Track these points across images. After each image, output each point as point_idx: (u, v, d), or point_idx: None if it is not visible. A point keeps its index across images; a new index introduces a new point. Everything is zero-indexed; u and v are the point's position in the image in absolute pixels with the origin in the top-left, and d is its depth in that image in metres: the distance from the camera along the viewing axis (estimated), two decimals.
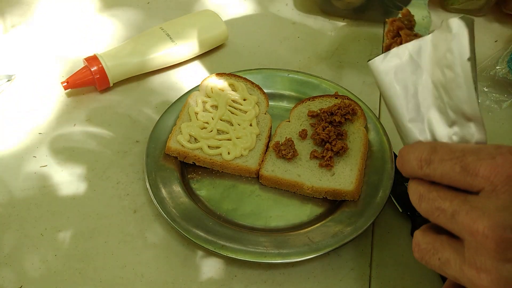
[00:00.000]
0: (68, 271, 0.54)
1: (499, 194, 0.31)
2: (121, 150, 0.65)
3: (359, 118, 0.63)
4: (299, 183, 0.59)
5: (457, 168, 0.33)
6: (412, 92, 0.40)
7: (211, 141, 0.62)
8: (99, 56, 0.70)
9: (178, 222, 0.55)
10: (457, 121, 0.38)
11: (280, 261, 0.52)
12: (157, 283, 0.53)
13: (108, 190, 0.61)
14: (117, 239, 0.56)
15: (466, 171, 0.33)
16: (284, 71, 0.71)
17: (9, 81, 0.73)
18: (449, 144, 0.36)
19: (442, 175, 0.34)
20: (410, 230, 0.57)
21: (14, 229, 0.57)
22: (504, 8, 0.83)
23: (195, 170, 0.62)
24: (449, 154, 0.34)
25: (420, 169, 0.36)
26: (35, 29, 0.82)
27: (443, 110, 0.39)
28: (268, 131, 0.64)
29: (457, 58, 0.36)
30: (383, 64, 0.40)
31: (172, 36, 0.74)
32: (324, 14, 0.85)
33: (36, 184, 0.61)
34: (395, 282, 0.53)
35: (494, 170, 0.31)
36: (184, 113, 0.64)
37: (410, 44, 0.40)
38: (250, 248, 0.53)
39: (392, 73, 0.40)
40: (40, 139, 0.66)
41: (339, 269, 0.54)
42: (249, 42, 0.80)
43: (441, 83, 0.38)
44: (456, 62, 0.36)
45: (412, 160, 0.37)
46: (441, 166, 0.34)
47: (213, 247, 0.53)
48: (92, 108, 0.70)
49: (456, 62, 0.36)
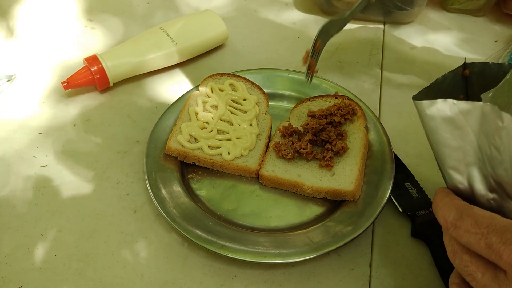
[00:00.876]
0: (68, 271, 0.54)
1: None
2: (121, 150, 0.65)
3: (359, 118, 0.63)
4: (299, 183, 0.59)
5: (482, 244, 0.34)
6: (456, 145, 0.40)
7: (211, 141, 0.62)
8: (99, 56, 0.70)
9: (178, 222, 0.55)
10: (497, 190, 0.38)
11: (280, 261, 0.52)
12: (157, 283, 0.53)
13: (108, 190, 0.61)
14: (117, 239, 0.56)
15: (491, 249, 0.34)
16: (284, 71, 0.71)
17: (9, 81, 0.73)
18: (475, 214, 0.36)
19: (467, 243, 0.36)
20: (410, 230, 0.57)
21: (14, 229, 0.57)
22: (504, 8, 0.83)
23: (195, 170, 0.62)
24: (475, 227, 0.35)
25: (447, 230, 0.38)
26: (35, 29, 0.82)
27: (486, 174, 0.39)
28: (268, 131, 0.64)
29: (505, 147, 0.36)
30: (430, 110, 0.40)
31: (172, 36, 0.74)
32: (324, 14, 0.85)
33: (36, 184, 0.61)
34: (395, 282, 0.53)
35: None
36: (184, 113, 0.65)
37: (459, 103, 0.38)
38: (250, 248, 0.53)
39: (439, 120, 0.39)
40: (40, 139, 0.66)
41: (339, 269, 0.54)
42: (249, 42, 0.80)
43: (487, 154, 0.38)
44: (504, 150, 0.36)
45: (440, 218, 0.39)
46: (466, 235, 0.36)
47: (213, 247, 0.53)
48: (92, 108, 0.70)
49: (504, 150, 0.36)
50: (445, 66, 0.50)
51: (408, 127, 0.68)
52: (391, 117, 0.69)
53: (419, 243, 0.56)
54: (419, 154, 0.65)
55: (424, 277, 0.53)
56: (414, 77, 0.75)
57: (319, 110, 0.63)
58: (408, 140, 0.66)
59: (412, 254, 0.55)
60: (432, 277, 0.53)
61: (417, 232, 0.56)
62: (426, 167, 0.63)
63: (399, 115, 0.69)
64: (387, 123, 0.67)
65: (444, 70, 0.48)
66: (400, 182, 0.60)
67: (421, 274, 0.54)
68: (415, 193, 0.59)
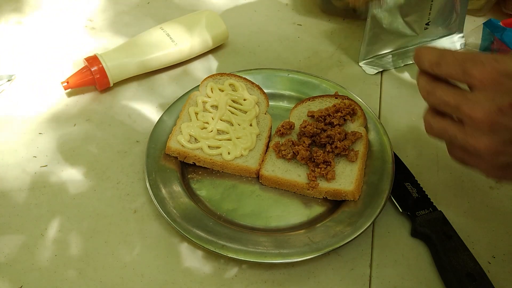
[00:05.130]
0: (68, 271, 0.54)
1: (487, 89, 0.43)
2: (121, 150, 0.65)
3: (359, 118, 0.63)
4: (299, 183, 0.59)
5: (459, 70, 0.45)
6: None
7: (211, 141, 0.62)
8: (99, 56, 0.70)
9: (178, 222, 0.55)
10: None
11: (280, 261, 0.52)
12: (157, 283, 0.53)
13: (108, 190, 0.61)
14: (117, 239, 0.56)
15: (465, 72, 0.44)
16: (284, 71, 0.71)
17: (9, 81, 0.73)
18: (453, 51, 0.47)
19: (447, 75, 0.46)
20: (410, 230, 0.57)
21: (14, 229, 0.57)
22: (504, 8, 0.83)
23: (195, 170, 0.62)
24: (453, 60, 0.46)
25: (431, 69, 0.47)
26: (35, 29, 0.82)
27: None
28: (268, 131, 0.64)
29: None
30: None
31: (172, 36, 0.74)
32: (324, 14, 0.85)
33: (36, 184, 0.61)
34: (395, 282, 0.53)
35: (482, 73, 0.43)
36: (184, 113, 0.64)
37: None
38: (250, 248, 0.53)
39: None
40: (40, 139, 0.66)
41: (339, 269, 0.54)
42: (249, 42, 0.80)
43: None
44: None
45: (425, 61, 0.48)
46: (446, 68, 0.46)
47: (213, 247, 0.53)
48: (92, 108, 0.70)
49: None
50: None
51: (408, 127, 0.68)
52: (391, 117, 0.69)
53: (419, 243, 0.56)
54: (419, 154, 0.65)
55: (424, 277, 0.53)
56: (414, 77, 0.75)
57: (319, 110, 0.63)
58: (408, 140, 0.66)
59: (412, 254, 0.55)
60: (432, 277, 0.53)
61: (417, 232, 0.56)
62: (426, 167, 0.63)
63: (399, 115, 0.69)
64: (387, 123, 0.67)
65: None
66: (400, 182, 0.60)
67: (421, 274, 0.54)
68: (415, 193, 0.59)
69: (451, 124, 0.47)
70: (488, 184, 0.62)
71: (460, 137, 0.46)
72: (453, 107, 0.45)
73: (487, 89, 0.43)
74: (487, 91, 0.43)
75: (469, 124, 0.44)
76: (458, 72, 0.45)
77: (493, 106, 0.43)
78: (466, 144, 0.45)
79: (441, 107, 0.47)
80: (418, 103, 0.52)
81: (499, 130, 0.43)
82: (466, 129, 0.45)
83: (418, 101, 0.52)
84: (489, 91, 0.43)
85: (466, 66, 0.45)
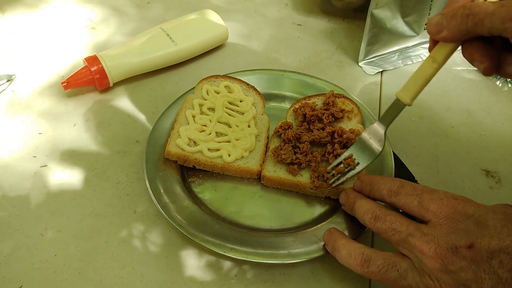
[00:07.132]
0: (68, 271, 0.54)
1: (442, 225, 0.43)
2: (121, 150, 0.65)
3: (356, 116, 0.63)
4: (302, 183, 0.59)
5: (416, 202, 0.46)
6: None
7: (211, 143, 0.61)
8: (99, 56, 0.70)
9: (184, 228, 0.54)
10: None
11: (290, 261, 0.52)
12: (157, 283, 0.53)
13: (108, 190, 0.61)
14: (117, 239, 0.56)
15: (421, 205, 0.45)
16: (284, 71, 0.71)
17: (9, 81, 0.73)
18: (413, 183, 0.49)
19: (404, 204, 0.47)
20: None
21: (14, 229, 0.57)
22: None
23: (195, 174, 0.62)
24: (412, 191, 0.47)
25: (388, 197, 0.49)
26: (35, 29, 0.82)
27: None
28: (266, 131, 0.64)
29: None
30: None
31: (172, 36, 0.74)
32: (324, 14, 0.85)
33: (36, 184, 0.61)
34: None
35: (440, 208, 0.44)
36: (182, 117, 0.64)
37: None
38: (259, 250, 0.53)
39: None
40: (40, 139, 0.66)
41: (339, 269, 0.54)
42: (249, 42, 0.80)
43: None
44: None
45: (382, 189, 0.49)
46: (404, 198, 0.47)
47: (222, 250, 0.53)
48: (92, 108, 0.70)
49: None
50: (445, 66, 0.51)
51: (408, 127, 0.68)
52: None
53: None
54: (419, 154, 0.65)
55: None
56: None
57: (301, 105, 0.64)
58: (408, 140, 0.66)
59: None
60: None
61: None
62: (426, 167, 0.63)
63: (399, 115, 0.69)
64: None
65: (444, 70, 0.48)
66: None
67: None
68: None
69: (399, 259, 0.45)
70: (488, 184, 0.62)
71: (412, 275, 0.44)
72: (402, 237, 0.45)
73: (442, 225, 0.43)
74: (442, 226, 0.43)
75: (419, 259, 0.44)
76: (414, 203, 0.46)
77: (448, 243, 0.42)
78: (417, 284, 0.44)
79: (387, 235, 0.46)
80: (418, 103, 0.52)
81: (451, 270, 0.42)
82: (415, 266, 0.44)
83: (418, 101, 0.52)
84: (444, 228, 0.43)
85: (423, 198, 0.45)
